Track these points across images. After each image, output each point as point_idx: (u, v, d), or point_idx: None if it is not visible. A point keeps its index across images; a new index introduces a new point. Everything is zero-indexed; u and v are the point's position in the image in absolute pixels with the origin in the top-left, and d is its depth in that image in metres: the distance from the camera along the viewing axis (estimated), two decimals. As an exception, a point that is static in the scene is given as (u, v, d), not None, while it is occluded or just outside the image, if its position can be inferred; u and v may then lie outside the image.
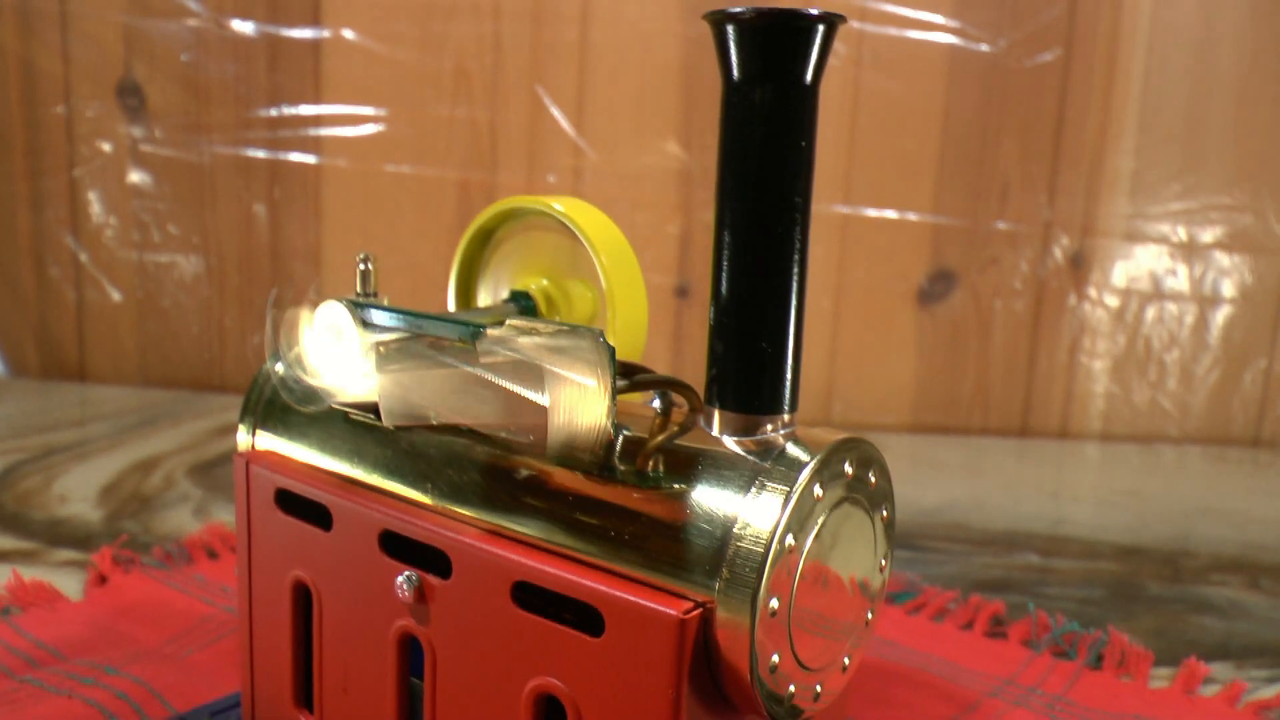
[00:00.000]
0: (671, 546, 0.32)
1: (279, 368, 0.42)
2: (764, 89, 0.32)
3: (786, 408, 0.34)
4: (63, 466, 0.82)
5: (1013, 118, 1.05)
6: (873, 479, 0.35)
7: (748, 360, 0.33)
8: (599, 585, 0.32)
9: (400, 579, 0.36)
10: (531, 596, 0.34)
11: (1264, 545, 0.78)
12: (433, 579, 0.36)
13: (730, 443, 0.34)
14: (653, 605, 0.31)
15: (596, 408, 0.32)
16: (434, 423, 0.34)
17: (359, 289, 0.42)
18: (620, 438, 0.35)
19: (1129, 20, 1.03)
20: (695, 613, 0.31)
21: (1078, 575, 0.70)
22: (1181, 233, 1.07)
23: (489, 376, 0.32)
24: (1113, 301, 1.09)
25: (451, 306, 0.46)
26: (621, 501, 0.34)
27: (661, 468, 0.34)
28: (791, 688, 0.33)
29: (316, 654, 0.40)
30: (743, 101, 0.32)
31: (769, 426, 0.34)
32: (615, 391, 0.33)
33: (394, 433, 0.39)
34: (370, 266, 0.42)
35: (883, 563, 0.37)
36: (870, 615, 0.37)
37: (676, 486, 0.33)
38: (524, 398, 0.31)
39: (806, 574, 0.33)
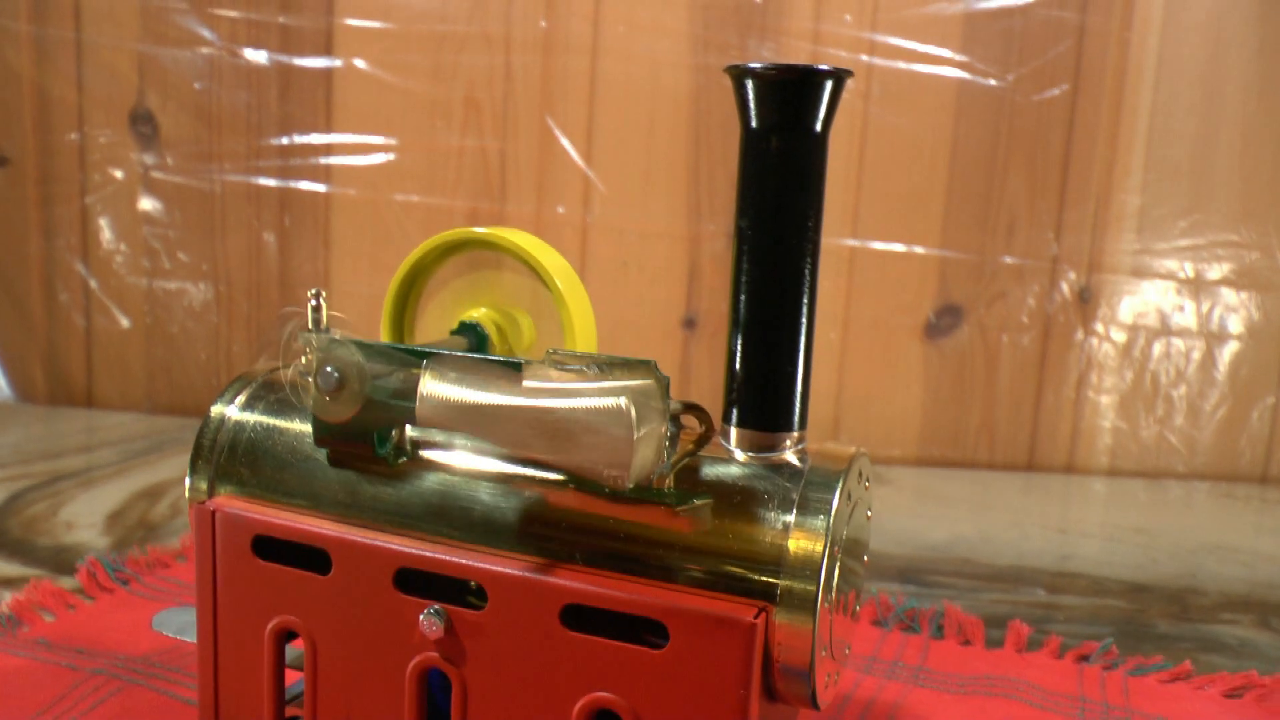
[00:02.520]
0: (725, 558, 0.35)
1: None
2: (779, 137, 0.35)
3: (798, 425, 0.37)
4: (69, 493, 0.82)
5: (1020, 152, 1.05)
6: (867, 484, 0.39)
7: (769, 382, 0.37)
8: (662, 599, 0.34)
9: (427, 615, 0.36)
10: (578, 619, 0.35)
11: (1273, 584, 0.78)
12: (464, 612, 0.36)
13: (758, 459, 0.37)
14: (722, 613, 0.33)
15: (661, 435, 0.34)
16: (487, 456, 0.34)
17: (310, 325, 0.40)
18: None
19: (1136, 56, 1.03)
20: (762, 616, 0.33)
21: (1085, 612, 0.69)
22: (1189, 269, 1.07)
23: (567, 408, 0.32)
24: (1120, 337, 1.09)
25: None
26: (666, 520, 0.35)
27: (699, 485, 0.36)
28: (826, 677, 0.36)
29: (308, 700, 0.39)
30: (760, 147, 0.36)
31: (787, 443, 0.37)
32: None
33: (390, 472, 0.39)
34: (323, 302, 0.41)
35: (865, 557, 0.41)
36: (859, 606, 0.41)
37: (719, 501, 0.36)
38: (610, 430, 0.32)
39: (840, 572, 0.36)
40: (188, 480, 0.43)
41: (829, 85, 0.35)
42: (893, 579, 0.73)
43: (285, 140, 1.08)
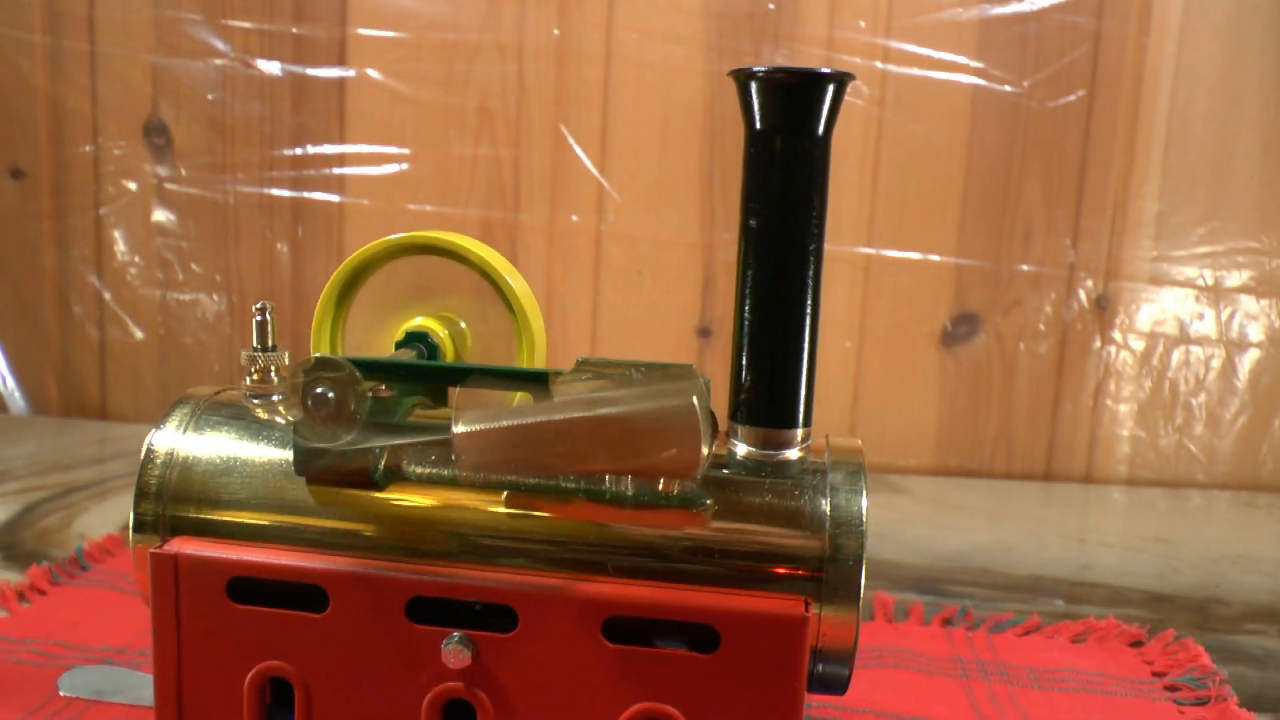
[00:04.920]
0: (765, 555, 0.35)
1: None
2: (782, 138, 0.37)
3: (805, 422, 0.38)
4: (82, 505, 0.82)
5: (1036, 159, 1.04)
6: None
7: (780, 380, 0.38)
8: (710, 601, 0.34)
9: (451, 644, 0.35)
10: (617, 631, 0.34)
11: (1297, 593, 0.77)
12: (490, 636, 0.35)
13: (774, 455, 0.37)
14: (773, 610, 0.33)
15: (710, 435, 0.34)
16: (525, 475, 0.34)
17: (255, 343, 0.38)
18: None
19: (1153, 62, 1.03)
20: (812, 609, 0.34)
21: (1107, 622, 0.68)
22: (1208, 276, 1.06)
23: (633, 414, 0.31)
24: (1138, 345, 1.08)
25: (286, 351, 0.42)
26: (684, 522, 0.35)
27: (726, 483, 0.36)
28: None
29: None
30: (764, 149, 0.37)
31: (797, 438, 0.38)
32: None
33: (381, 497, 0.37)
34: (269, 317, 0.39)
35: None
36: None
37: (748, 499, 0.36)
38: (680, 430, 0.31)
39: None
40: (132, 522, 0.38)
41: (831, 88, 0.36)
42: (910, 589, 0.73)
43: (298, 151, 1.08)
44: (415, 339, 0.42)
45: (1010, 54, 1.03)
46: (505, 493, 0.36)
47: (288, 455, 0.38)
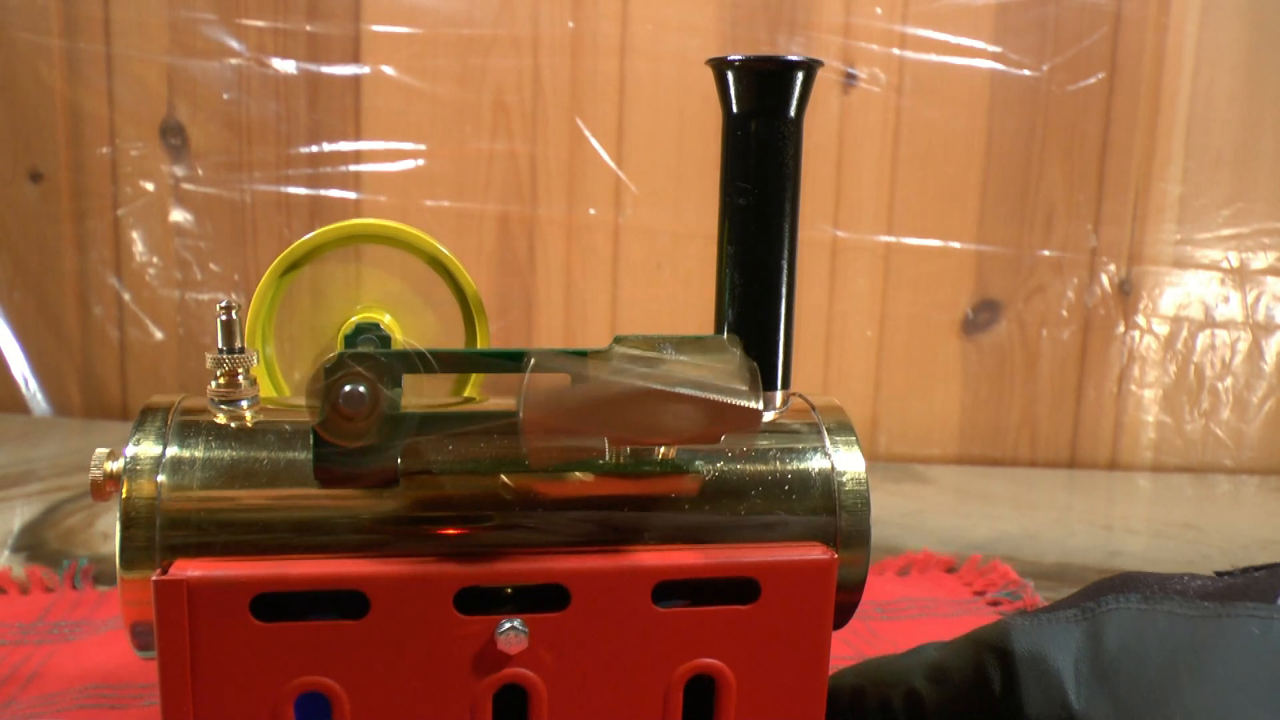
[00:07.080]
0: (784, 507, 0.38)
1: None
2: (757, 121, 0.40)
3: (786, 383, 0.41)
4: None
5: (1056, 144, 1.04)
6: None
7: (765, 345, 0.40)
8: (748, 556, 0.36)
9: (506, 631, 0.34)
10: (663, 596, 0.35)
11: (1329, 577, 0.76)
12: (543, 617, 0.34)
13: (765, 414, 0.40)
14: (807, 558, 0.36)
15: None
16: (594, 454, 0.34)
17: (221, 344, 0.37)
18: None
19: (1174, 42, 1.02)
20: (834, 553, 0.36)
21: (1136, 609, 0.68)
22: (1232, 258, 1.05)
23: (703, 386, 0.32)
24: (1162, 329, 1.07)
25: (255, 351, 0.41)
26: (693, 486, 0.37)
27: (730, 446, 0.38)
28: None
29: None
30: (740, 131, 0.40)
31: (778, 399, 0.41)
32: None
33: (400, 491, 0.36)
34: (235, 316, 0.37)
35: None
36: None
37: (756, 456, 0.38)
38: (741, 401, 0.32)
39: None
40: (121, 552, 0.34)
41: (801, 74, 0.39)
42: (937, 578, 0.72)
43: (315, 149, 1.08)
44: (367, 330, 0.42)
45: (1029, 37, 1.02)
46: (501, 475, 0.35)
47: (290, 459, 0.36)
